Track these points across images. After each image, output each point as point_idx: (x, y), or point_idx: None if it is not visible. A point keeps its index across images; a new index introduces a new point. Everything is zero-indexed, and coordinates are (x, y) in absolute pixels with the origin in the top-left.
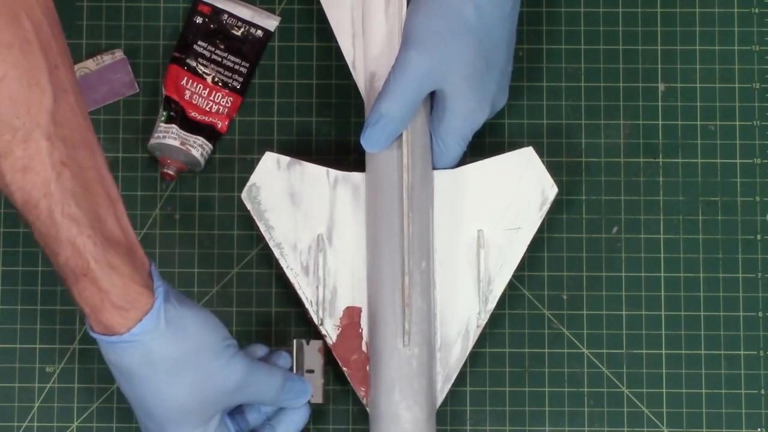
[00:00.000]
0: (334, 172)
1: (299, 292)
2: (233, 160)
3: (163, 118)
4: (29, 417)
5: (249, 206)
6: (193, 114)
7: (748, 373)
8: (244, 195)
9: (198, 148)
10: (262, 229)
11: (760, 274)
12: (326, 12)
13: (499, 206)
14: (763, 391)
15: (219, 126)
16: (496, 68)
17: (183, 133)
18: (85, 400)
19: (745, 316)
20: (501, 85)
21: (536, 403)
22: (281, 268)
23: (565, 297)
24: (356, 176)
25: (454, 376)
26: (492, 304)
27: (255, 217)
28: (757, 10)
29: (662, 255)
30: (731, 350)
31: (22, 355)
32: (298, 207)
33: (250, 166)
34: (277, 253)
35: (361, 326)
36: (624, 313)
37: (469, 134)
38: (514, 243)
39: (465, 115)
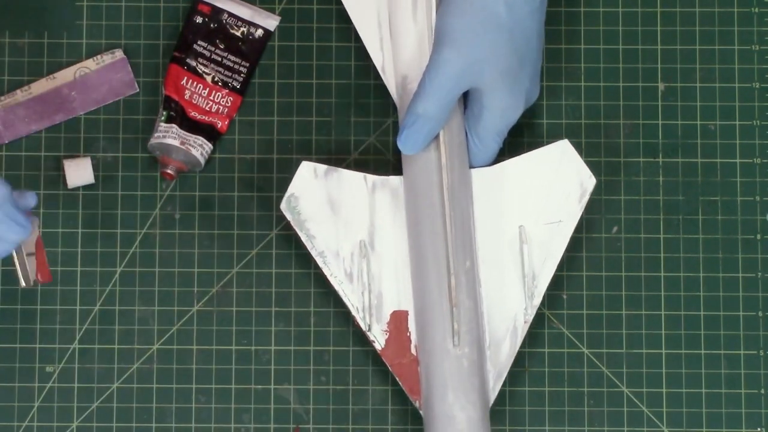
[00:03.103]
0: (371, 178)
1: (344, 299)
2: (233, 160)
3: (163, 118)
4: (29, 417)
5: (289, 217)
6: (193, 114)
7: (748, 373)
8: (283, 206)
9: (198, 147)
10: (303, 238)
11: (760, 273)
12: (351, 17)
13: (539, 201)
14: (763, 391)
15: (219, 126)
16: (529, 62)
17: (183, 132)
18: (85, 400)
19: (745, 316)
20: (533, 79)
21: (536, 403)
22: (280, 268)
23: (565, 297)
24: (394, 180)
25: (505, 374)
26: (538, 299)
27: (296, 228)
28: (757, 10)
29: (662, 255)
30: (731, 350)
31: (22, 355)
32: (337, 214)
33: (250, 166)
34: (320, 261)
35: (409, 329)
36: (624, 313)
37: (505, 130)
38: (555, 236)
39: (501, 112)
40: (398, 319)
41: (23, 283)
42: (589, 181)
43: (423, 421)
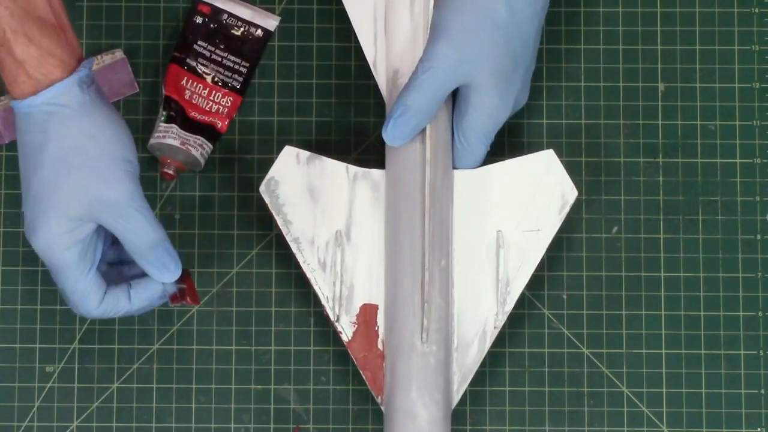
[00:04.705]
0: (353, 168)
1: (316, 287)
2: (233, 160)
3: (163, 118)
4: (29, 417)
5: (267, 200)
6: (193, 114)
7: (748, 373)
8: (262, 188)
9: (198, 148)
10: (280, 223)
11: (760, 274)
12: (348, 11)
13: (519, 208)
14: (763, 391)
15: (219, 126)
16: (522, 66)
17: (183, 132)
18: (85, 400)
19: (745, 316)
20: (524, 83)
21: (536, 403)
22: (280, 268)
23: (565, 297)
24: (376, 173)
25: (470, 377)
26: (510, 306)
27: (273, 211)
28: (757, 10)
29: (662, 255)
30: (731, 350)
31: (22, 355)
32: (316, 202)
33: (250, 166)
34: (294, 248)
35: (378, 323)
36: (624, 313)
37: (492, 132)
38: (532, 245)
39: (489, 112)
40: (368, 312)
41: (171, 303)
42: (571, 193)
43: (383, 418)
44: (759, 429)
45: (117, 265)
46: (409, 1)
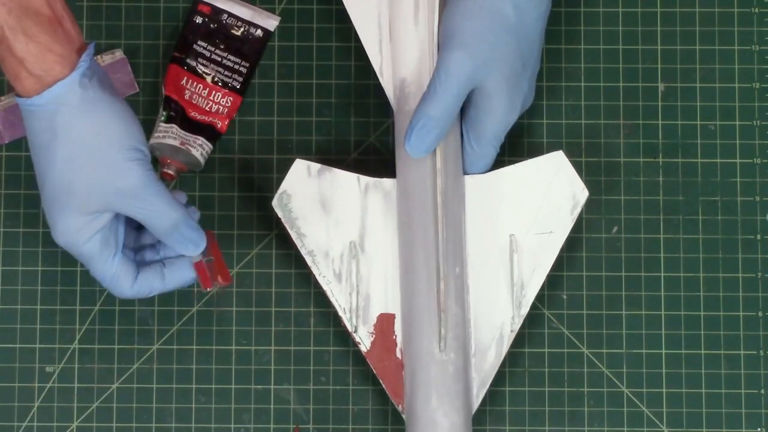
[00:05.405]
0: (364, 179)
1: (332, 299)
2: (233, 160)
3: (163, 118)
4: (29, 417)
5: (280, 214)
6: (193, 114)
7: (748, 373)
8: (274, 203)
9: (198, 148)
10: (294, 236)
11: (760, 274)
12: (352, 17)
13: (531, 211)
14: (762, 391)
15: (219, 126)
16: (530, 67)
17: (183, 133)
18: (85, 400)
19: (745, 316)
20: (531, 84)
21: (536, 403)
22: (280, 268)
23: (565, 297)
24: (387, 182)
25: (489, 382)
26: (525, 309)
27: (286, 225)
28: (757, 10)
29: (662, 255)
30: (731, 350)
31: (22, 355)
32: (329, 214)
33: (250, 166)
34: (309, 260)
35: (395, 333)
36: (624, 313)
37: (502, 135)
38: (545, 247)
39: (500, 116)
40: (385, 321)
41: (204, 288)
42: (582, 193)
43: (405, 425)
44: (759, 429)
45: (152, 246)
46: (413, 9)
